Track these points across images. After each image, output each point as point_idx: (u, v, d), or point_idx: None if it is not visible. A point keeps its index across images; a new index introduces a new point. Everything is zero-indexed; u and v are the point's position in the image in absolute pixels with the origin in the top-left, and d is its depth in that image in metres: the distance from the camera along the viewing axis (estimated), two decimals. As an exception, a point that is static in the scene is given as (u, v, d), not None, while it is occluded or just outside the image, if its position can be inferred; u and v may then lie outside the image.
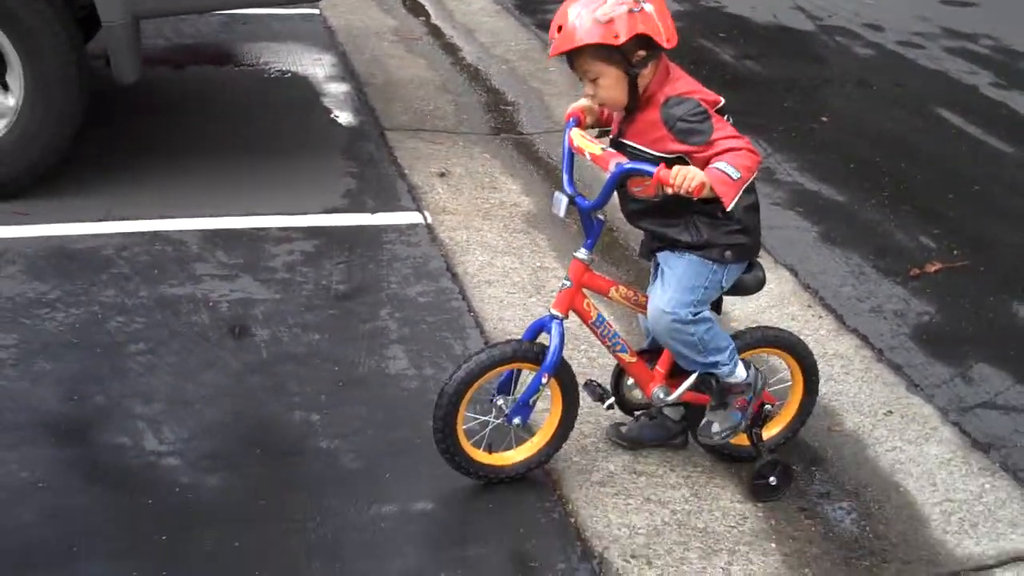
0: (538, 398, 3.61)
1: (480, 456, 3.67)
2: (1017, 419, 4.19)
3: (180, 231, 5.16)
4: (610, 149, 3.43)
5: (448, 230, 5.33)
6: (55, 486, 3.61)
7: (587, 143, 3.46)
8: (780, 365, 3.94)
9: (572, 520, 3.62)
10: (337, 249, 5.12)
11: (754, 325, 4.16)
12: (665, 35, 3.29)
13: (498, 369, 3.56)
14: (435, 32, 8.30)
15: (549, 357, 3.52)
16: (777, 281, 5.02)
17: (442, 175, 5.90)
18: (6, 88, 5.26)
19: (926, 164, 6.33)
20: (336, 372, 4.26)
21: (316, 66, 7.35)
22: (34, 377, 4.12)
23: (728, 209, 3.26)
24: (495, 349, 3.57)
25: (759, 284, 3.65)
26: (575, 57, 3.34)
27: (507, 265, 5.08)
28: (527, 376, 3.62)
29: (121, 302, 4.61)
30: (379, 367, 4.32)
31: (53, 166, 5.40)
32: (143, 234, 5.12)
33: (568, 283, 3.55)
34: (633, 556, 3.47)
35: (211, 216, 5.30)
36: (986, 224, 5.67)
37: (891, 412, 4.19)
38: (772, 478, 3.75)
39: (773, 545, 3.58)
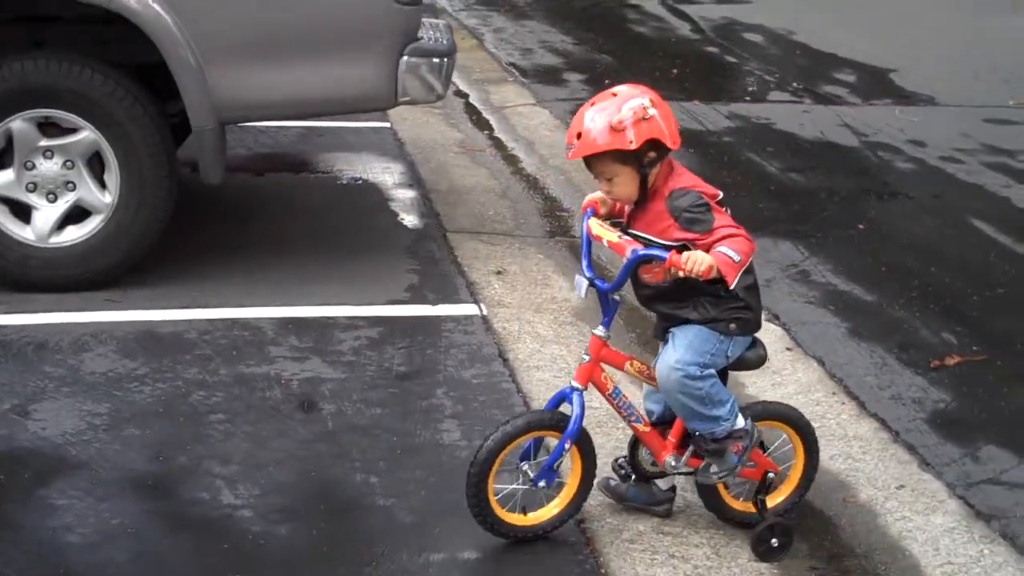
0: (561, 463, 3.99)
1: (509, 517, 4.04)
2: (1019, 493, 4.54)
3: (257, 318, 5.65)
4: (626, 237, 3.86)
5: (502, 321, 5.78)
6: (141, 532, 4.06)
7: (605, 231, 3.90)
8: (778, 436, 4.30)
9: (603, 571, 4.01)
10: (399, 336, 5.59)
11: (757, 401, 4.51)
12: (671, 138, 3.76)
13: (524, 437, 3.95)
14: (498, 144, 8.84)
15: (571, 425, 3.90)
16: (805, 370, 5.41)
17: (499, 273, 6.37)
18: (104, 186, 5.82)
19: (955, 268, 6.70)
20: (395, 441, 4.70)
21: (386, 174, 7.90)
22: (124, 441, 4.60)
23: (731, 287, 3.69)
24: (520, 419, 3.97)
25: (760, 361, 4.05)
26: (593, 160, 3.80)
27: (555, 353, 5.51)
28: (549, 443, 4.02)
29: (203, 379, 5.09)
30: (434, 438, 4.75)
31: (143, 258, 5.94)
32: (224, 320, 5.62)
33: (587, 358, 3.94)
34: (656, 603, 3.85)
35: (286, 306, 5.80)
36: (1008, 323, 6.03)
37: (903, 486, 4.55)
38: (774, 540, 4.09)
39: (785, 598, 3.94)
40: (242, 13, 5.86)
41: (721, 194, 3.85)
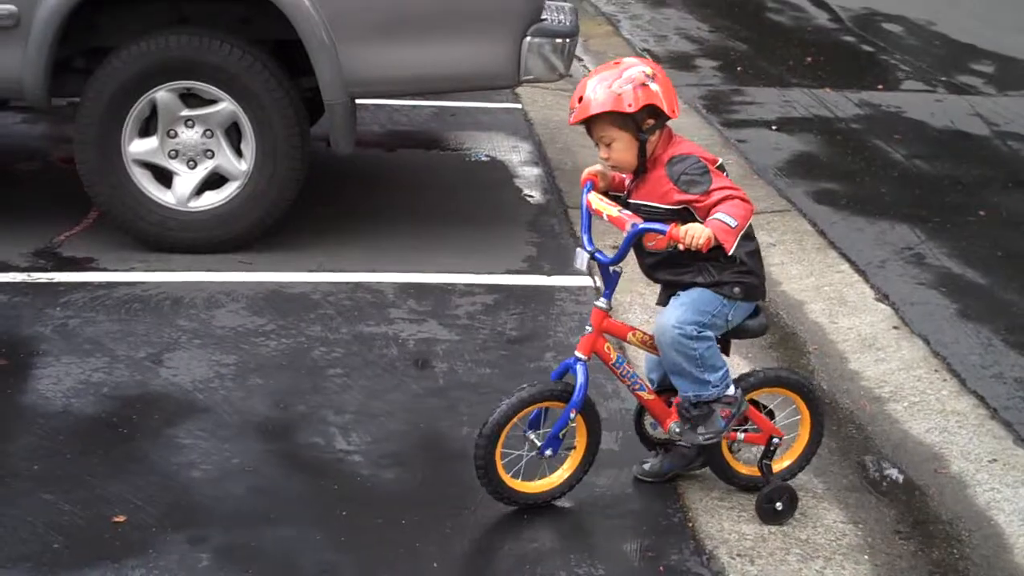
0: (567, 431, 4.10)
1: (516, 484, 4.14)
2: (1111, 471, 4.59)
3: (379, 283, 5.93)
4: (626, 212, 3.92)
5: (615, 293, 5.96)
6: (260, 471, 4.36)
7: (605, 205, 3.97)
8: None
9: (690, 524, 4.18)
10: (513, 303, 5.82)
11: (759, 368, 4.49)
12: (670, 105, 3.87)
13: (530, 408, 4.06)
14: (625, 127, 9.00)
15: (576, 395, 4.00)
16: (910, 348, 5.49)
17: (614, 247, 6.54)
18: (240, 155, 6.16)
19: (1075, 257, 6.69)
20: (501, 400, 4.91)
21: (513, 152, 8.13)
22: (248, 389, 4.91)
23: (729, 254, 3.78)
24: (525, 391, 4.05)
25: (762, 330, 4.16)
26: (593, 124, 3.92)
27: (663, 323, 5.67)
28: (555, 413, 4.10)
29: (325, 336, 5.39)
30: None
31: (275, 224, 6.26)
32: (347, 284, 5.91)
33: (590, 329, 4.03)
34: (738, 555, 4.01)
35: (407, 272, 6.07)
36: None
37: (995, 460, 4.62)
38: (779, 503, 4.16)
39: (866, 557, 4.07)
40: (374, -6, 6.15)
41: (720, 160, 3.95)
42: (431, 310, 5.70)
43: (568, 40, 6.40)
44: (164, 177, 6.19)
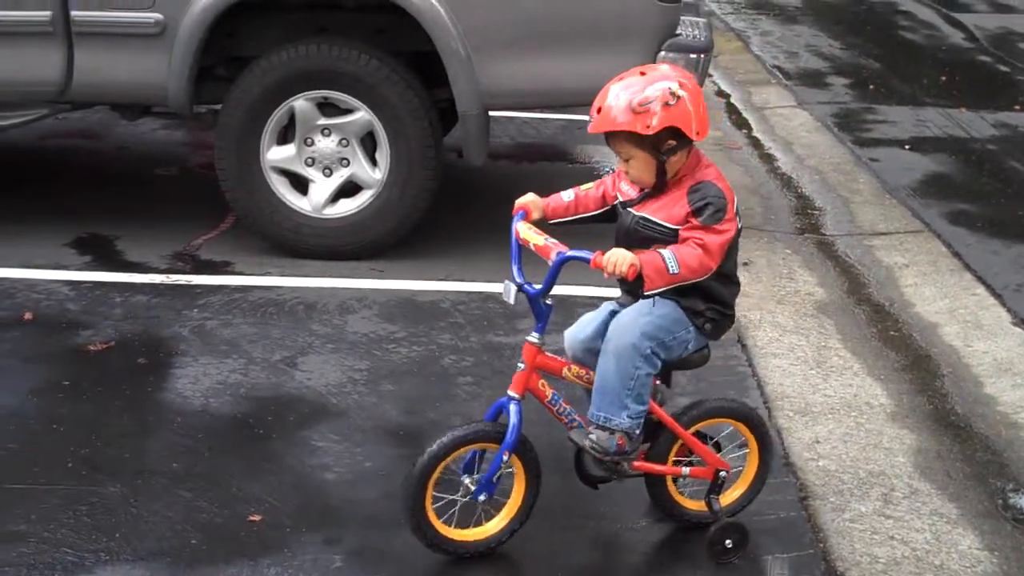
0: (501, 475, 3.86)
1: (449, 532, 3.88)
2: None
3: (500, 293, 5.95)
4: (551, 240, 3.71)
5: (743, 309, 5.92)
6: (392, 476, 4.39)
7: (531, 235, 3.75)
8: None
9: (821, 545, 4.13)
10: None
11: (703, 399, 4.25)
12: (696, 127, 3.58)
13: (462, 449, 3.79)
14: (755, 143, 8.95)
15: (509, 436, 3.75)
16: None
17: (745, 264, 6.50)
18: (375, 164, 6.24)
19: None
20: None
21: (641, 167, 8.12)
22: (380, 395, 4.98)
23: (646, 294, 3.56)
24: (457, 431, 3.80)
25: (703, 360, 3.93)
26: (611, 137, 3.65)
27: (793, 342, 5.63)
28: (491, 456, 3.85)
29: (455, 344, 5.44)
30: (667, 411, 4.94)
31: (408, 233, 6.34)
32: (477, 293, 5.96)
33: (522, 366, 3.78)
34: (870, 578, 3.96)
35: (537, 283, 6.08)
36: None
37: None
38: (728, 541, 3.97)
39: (1002, 586, 3.99)
40: (510, 8, 6.18)
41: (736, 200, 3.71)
42: (559, 322, 5.69)
43: (702, 56, 6.38)
44: (300, 184, 6.31)
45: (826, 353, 5.55)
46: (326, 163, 6.25)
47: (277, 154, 6.23)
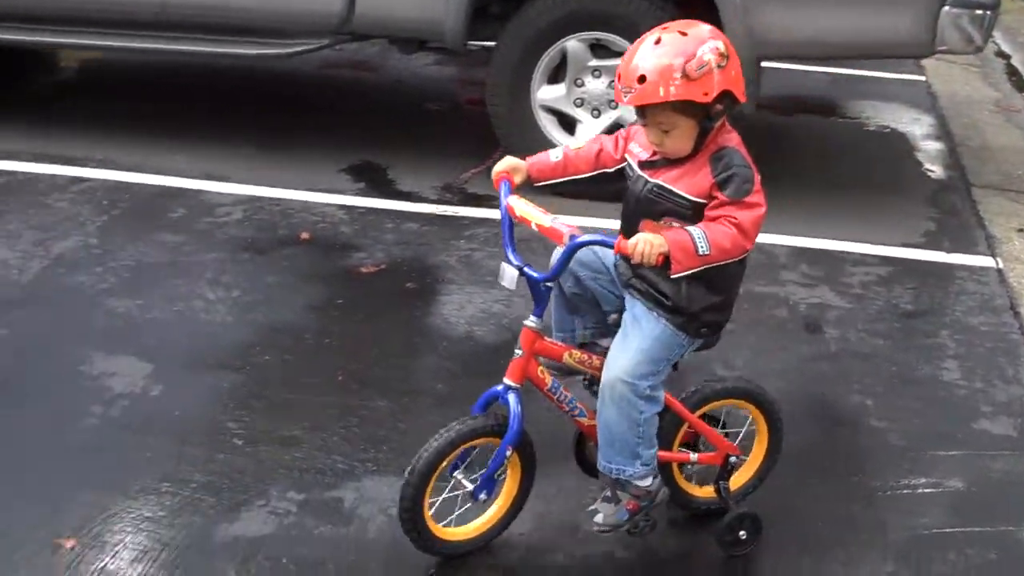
0: (503, 471, 3.55)
1: (444, 533, 3.55)
2: None
3: (771, 244, 5.88)
4: (560, 220, 3.30)
5: (1018, 277, 5.71)
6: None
7: (533, 213, 3.33)
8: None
9: None
10: (909, 277, 5.66)
11: (710, 379, 3.82)
12: (742, 90, 3.23)
13: (465, 445, 3.44)
14: (1035, 107, 8.59)
15: (511, 428, 3.40)
16: None
17: (1020, 230, 6.26)
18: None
19: None
20: (894, 371, 4.82)
21: (914, 124, 7.90)
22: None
23: (672, 277, 3.15)
24: (454, 429, 3.41)
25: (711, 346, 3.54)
26: (650, 107, 3.18)
27: (1071, 312, 5.41)
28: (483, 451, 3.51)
29: (715, 291, 5.41)
30: (933, 373, 4.83)
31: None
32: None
33: (520, 352, 3.39)
34: None
35: (800, 236, 6.00)
36: None
37: None
38: (741, 532, 3.67)
39: None
40: (790, -46, 6.09)
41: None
42: (823, 276, 5.63)
43: (989, 12, 6.14)
44: (567, 124, 6.35)
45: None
46: (595, 104, 6.28)
47: (547, 93, 6.30)
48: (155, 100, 7.56)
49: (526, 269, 3.31)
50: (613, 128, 6.26)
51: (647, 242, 3.06)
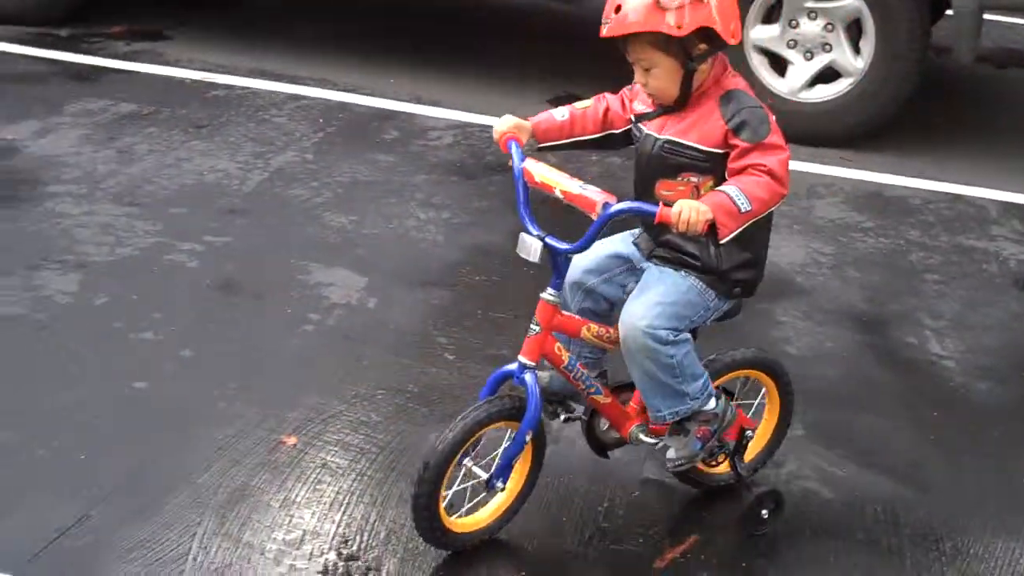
0: (520, 457, 3.31)
1: (455, 526, 3.29)
2: None
3: (981, 198, 5.80)
4: (590, 186, 3.02)
5: None
6: (851, 358, 4.43)
7: (557, 178, 3.06)
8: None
9: None
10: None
11: (725, 350, 3.53)
12: (728, 30, 3.00)
13: (484, 430, 3.18)
14: None
15: (529, 413, 3.16)
16: None
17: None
18: (857, 52, 6.16)
19: None
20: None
21: None
22: (844, 280, 4.99)
23: (721, 242, 2.96)
24: (470, 416, 3.13)
25: (738, 310, 3.34)
26: (630, 42, 3.02)
27: None
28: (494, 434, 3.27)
29: (923, 241, 5.36)
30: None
31: (880, 125, 6.24)
32: (947, 194, 5.84)
33: (537, 328, 3.15)
34: None
35: (1012, 192, 5.89)
36: None
37: None
38: (764, 511, 3.48)
39: None
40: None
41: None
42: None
43: None
44: (778, 65, 6.31)
45: None
46: (808, 46, 6.22)
47: (761, 33, 6.26)
48: (371, 23, 7.73)
49: (548, 239, 3.06)
50: (825, 71, 6.21)
51: (693, 208, 2.86)
